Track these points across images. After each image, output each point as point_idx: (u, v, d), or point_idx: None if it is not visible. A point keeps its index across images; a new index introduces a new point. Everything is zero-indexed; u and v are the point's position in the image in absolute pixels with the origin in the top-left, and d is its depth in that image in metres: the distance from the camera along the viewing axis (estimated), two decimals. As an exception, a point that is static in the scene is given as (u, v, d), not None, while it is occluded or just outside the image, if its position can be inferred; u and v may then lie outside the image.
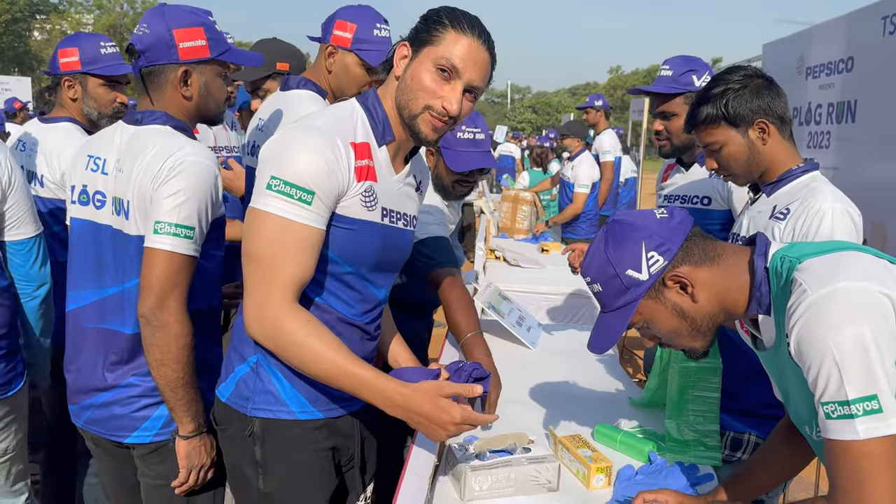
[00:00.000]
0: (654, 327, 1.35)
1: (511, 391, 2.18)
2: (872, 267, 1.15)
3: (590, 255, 1.37)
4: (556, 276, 4.05)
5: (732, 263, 1.30)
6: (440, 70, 1.42)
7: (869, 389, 1.06)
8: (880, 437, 1.06)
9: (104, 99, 2.53)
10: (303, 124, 1.43)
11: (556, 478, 1.62)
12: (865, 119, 4.85)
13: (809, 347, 1.10)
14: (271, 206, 1.35)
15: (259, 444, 1.49)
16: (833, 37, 5.26)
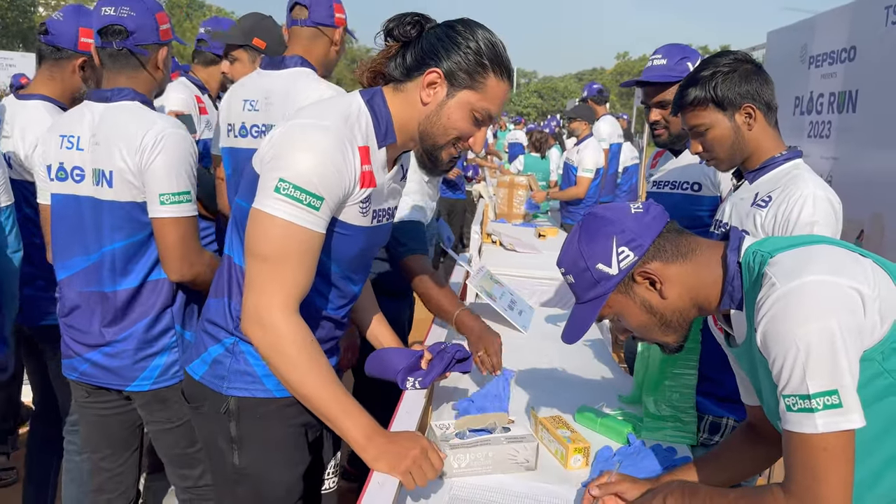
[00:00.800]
0: (625, 321, 1.37)
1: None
2: (842, 261, 1.15)
3: (565, 246, 1.38)
4: (551, 262, 4.05)
5: (706, 259, 1.30)
6: (476, 118, 1.45)
7: (831, 384, 1.07)
8: (838, 431, 1.07)
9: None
10: (312, 123, 1.39)
11: (534, 457, 1.65)
12: (867, 109, 4.84)
13: (775, 340, 1.11)
14: (279, 210, 1.33)
15: (234, 420, 1.52)
16: (836, 26, 5.23)
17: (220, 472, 1.60)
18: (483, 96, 1.44)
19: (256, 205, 1.37)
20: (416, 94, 1.45)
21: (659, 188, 2.52)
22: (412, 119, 1.47)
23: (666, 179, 2.48)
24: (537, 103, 68.06)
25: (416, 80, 1.45)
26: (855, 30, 4.99)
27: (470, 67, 1.42)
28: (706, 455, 1.57)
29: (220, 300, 1.53)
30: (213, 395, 1.53)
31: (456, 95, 1.43)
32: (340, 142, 1.37)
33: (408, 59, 1.46)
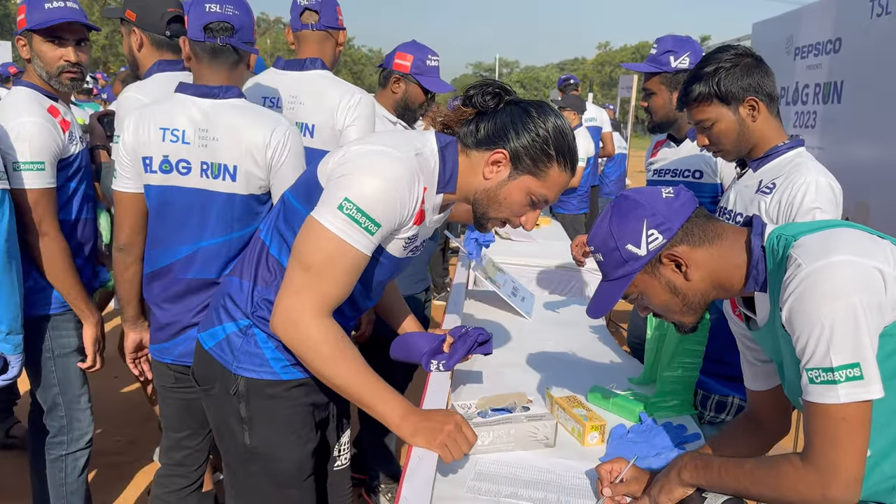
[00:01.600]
0: (648, 300, 1.42)
1: (509, 356, 2.29)
2: (863, 242, 1.22)
3: (596, 226, 1.44)
4: (546, 250, 4.15)
5: (730, 243, 1.36)
6: (532, 201, 1.52)
7: (853, 357, 1.13)
8: (859, 401, 1.14)
9: (48, 56, 2.23)
10: (389, 152, 1.42)
11: (553, 434, 1.72)
12: (851, 100, 4.95)
13: (801, 315, 1.17)
14: (335, 227, 1.38)
15: (244, 402, 1.58)
16: (822, 18, 5.33)
17: (232, 452, 1.66)
18: (543, 183, 1.50)
19: (315, 215, 1.41)
20: (481, 166, 1.51)
21: (660, 176, 2.60)
22: (472, 185, 1.53)
23: (667, 168, 2.56)
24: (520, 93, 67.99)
25: (483, 153, 1.51)
26: (840, 21, 5.09)
27: (536, 154, 1.48)
28: (704, 446, 1.62)
29: (246, 282, 1.58)
30: (222, 372, 1.59)
31: (517, 178, 1.50)
32: (411, 176, 1.42)
33: (480, 131, 1.51)
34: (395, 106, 2.84)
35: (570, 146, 1.51)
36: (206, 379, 1.65)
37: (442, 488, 1.49)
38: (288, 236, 1.52)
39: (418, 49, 2.82)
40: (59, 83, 2.25)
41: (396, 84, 2.82)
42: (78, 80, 2.29)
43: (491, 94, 1.51)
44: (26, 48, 2.26)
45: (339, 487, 1.87)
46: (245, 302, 1.58)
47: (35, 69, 2.25)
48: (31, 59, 2.26)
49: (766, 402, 1.53)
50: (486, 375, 2.12)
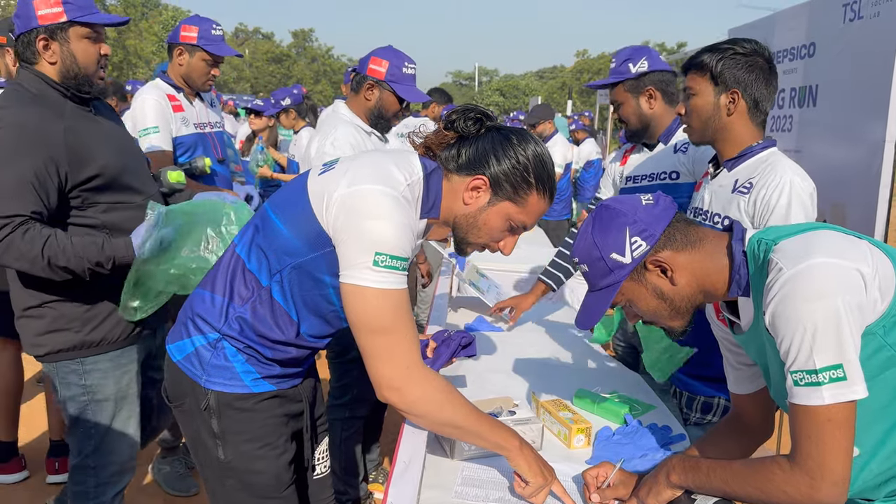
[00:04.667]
0: (636, 307, 1.43)
1: (494, 361, 2.29)
2: (842, 244, 1.23)
3: (579, 237, 1.44)
4: (528, 255, 4.16)
5: (712, 248, 1.38)
6: (511, 227, 1.54)
7: (837, 359, 1.14)
8: (843, 402, 1.15)
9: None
10: (389, 192, 1.41)
11: (539, 438, 1.72)
12: (826, 103, 5.02)
13: (783, 319, 1.18)
14: (384, 283, 1.39)
15: (216, 416, 1.56)
16: (795, 23, 5.41)
17: (208, 467, 1.63)
18: (522, 210, 1.52)
19: (355, 281, 1.40)
20: (461, 191, 1.52)
21: (635, 183, 2.61)
22: (452, 210, 1.54)
23: (642, 173, 2.58)
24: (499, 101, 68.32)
25: (464, 178, 1.52)
26: (814, 27, 5.17)
27: (516, 181, 1.49)
28: (691, 448, 1.63)
29: (219, 297, 1.54)
30: (192, 387, 1.57)
31: (497, 204, 1.51)
32: (407, 208, 1.43)
33: (461, 157, 1.52)
34: (368, 114, 2.76)
35: (549, 174, 1.53)
36: (176, 395, 1.62)
37: (429, 494, 1.49)
38: (263, 255, 1.50)
39: (395, 55, 2.74)
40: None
41: (370, 91, 2.73)
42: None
43: (472, 120, 1.52)
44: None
45: (320, 496, 1.85)
46: (217, 317, 1.54)
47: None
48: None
49: (749, 405, 1.54)
50: (471, 381, 2.12)
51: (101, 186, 2.01)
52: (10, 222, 1.82)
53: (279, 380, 1.61)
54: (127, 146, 2.20)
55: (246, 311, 1.52)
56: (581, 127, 9.44)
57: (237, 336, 1.53)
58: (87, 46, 2.07)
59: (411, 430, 1.55)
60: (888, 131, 4.18)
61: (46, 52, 2.02)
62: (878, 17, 4.28)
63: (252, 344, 1.54)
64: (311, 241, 1.44)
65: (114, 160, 2.04)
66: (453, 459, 1.65)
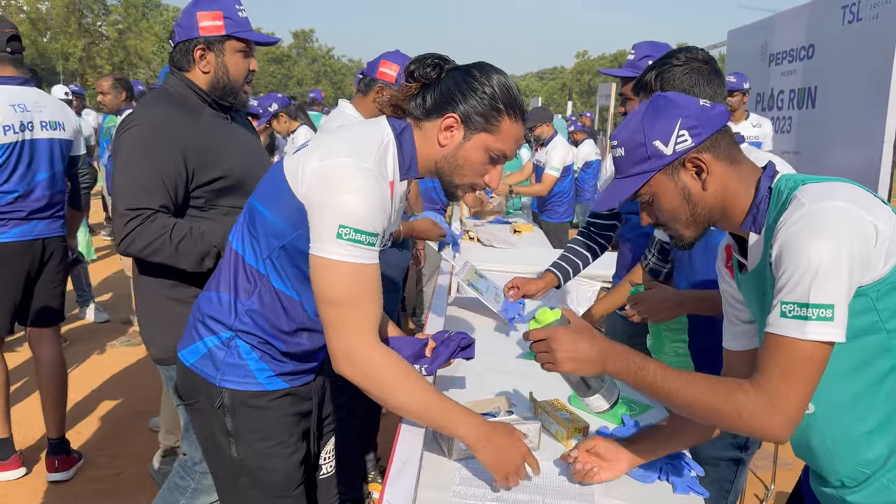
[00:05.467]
0: (658, 204, 1.39)
1: (492, 361, 2.29)
2: (866, 198, 1.24)
3: (626, 120, 1.42)
4: (528, 256, 4.17)
5: (745, 174, 1.36)
6: (491, 157, 1.54)
7: (830, 299, 1.16)
8: (823, 342, 1.18)
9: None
10: (353, 164, 1.42)
11: (537, 437, 1.72)
12: (825, 104, 5.04)
13: (791, 250, 1.19)
14: (345, 256, 1.40)
15: (230, 414, 1.57)
16: (795, 25, 5.42)
17: (220, 466, 1.65)
18: (498, 138, 1.52)
19: (319, 253, 1.42)
20: (435, 135, 1.52)
21: None
22: (431, 157, 1.55)
23: None
24: (499, 102, 68.27)
25: (434, 121, 1.52)
26: (813, 28, 5.19)
27: (485, 111, 1.49)
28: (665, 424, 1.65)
29: (225, 295, 1.57)
30: (206, 387, 1.58)
31: (472, 138, 1.51)
32: (379, 182, 1.44)
33: (427, 101, 1.53)
34: (377, 115, 2.79)
35: (516, 98, 1.53)
36: (189, 394, 1.64)
37: (427, 493, 1.49)
38: (256, 243, 1.53)
39: (404, 59, 2.79)
40: None
41: (379, 93, 2.76)
42: None
43: (431, 66, 1.53)
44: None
45: (326, 496, 1.86)
46: (227, 314, 1.57)
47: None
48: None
49: (741, 363, 1.55)
50: (469, 381, 2.13)
51: (224, 189, 2.10)
52: (140, 214, 1.94)
53: (292, 377, 1.63)
54: (257, 155, 2.30)
55: (253, 303, 1.54)
56: (580, 128, 9.47)
57: (250, 331, 1.55)
58: (239, 60, 2.19)
59: (408, 430, 1.56)
60: (887, 132, 4.19)
61: (202, 61, 2.14)
62: (876, 18, 4.30)
63: (266, 338, 1.55)
64: (293, 219, 1.46)
65: (240, 165, 2.14)
66: (451, 459, 1.65)
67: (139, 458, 3.51)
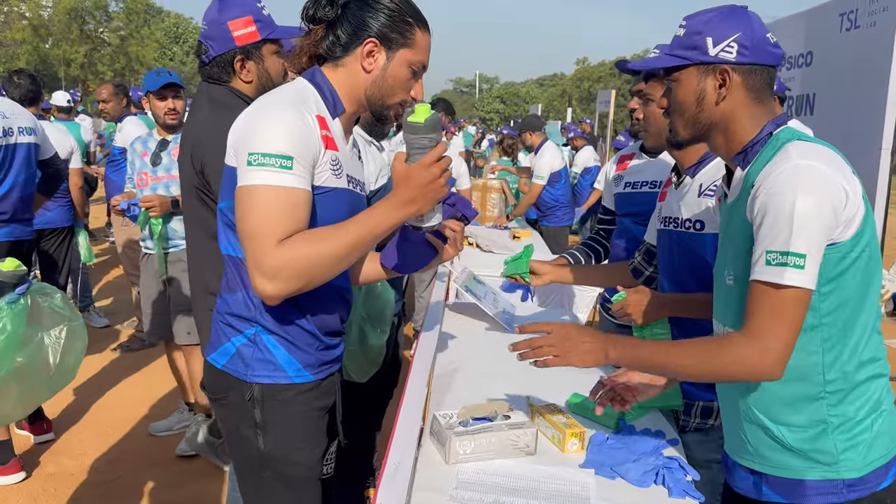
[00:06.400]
0: (674, 93, 1.49)
1: (490, 366, 2.30)
2: (844, 166, 1.35)
3: (707, 9, 1.48)
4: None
5: (760, 114, 1.43)
6: (413, 71, 1.59)
7: (804, 249, 1.27)
8: (798, 287, 1.28)
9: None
10: (266, 101, 1.49)
11: (533, 442, 1.73)
12: (823, 111, 5.05)
13: (776, 200, 1.28)
14: (256, 180, 1.40)
15: (259, 407, 1.59)
16: (793, 32, 5.43)
17: (244, 459, 1.67)
18: (416, 50, 1.58)
19: (237, 185, 1.44)
20: (357, 65, 1.57)
21: (635, 188, 2.62)
22: (358, 88, 1.59)
23: (644, 179, 2.59)
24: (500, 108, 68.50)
25: (353, 52, 1.56)
26: (811, 36, 5.21)
27: (399, 28, 1.55)
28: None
29: (237, 293, 1.60)
30: (237, 383, 1.60)
31: (395, 57, 1.57)
32: (297, 110, 1.47)
33: (341, 36, 1.56)
34: (365, 120, 2.68)
35: (417, 10, 1.60)
36: (218, 389, 1.66)
37: (423, 497, 1.50)
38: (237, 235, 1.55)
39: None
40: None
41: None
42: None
43: (326, 3, 1.57)
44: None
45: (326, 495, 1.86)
46: (245, 309, 1.58)
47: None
48: None
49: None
50: (466, 385, 2.13)
51: None
52: None
53: (318, 369, 1.65)
54: None
55: None
56: (579, 134, 9.47)
57: (273, 318, 1.56)
58: (275, 61, 2.18)
59: (402, 433, 1.56)
60: (884, 139, 4.20)
61: (242, 71, 2.13)
62: (874, 26, 4.31)
63: (288, 319, 1.57)
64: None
65: None
66: (448, 463, 1.66)
67: (138, 462, 3.52)
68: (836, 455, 1.39)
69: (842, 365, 1.38)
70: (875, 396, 1.41)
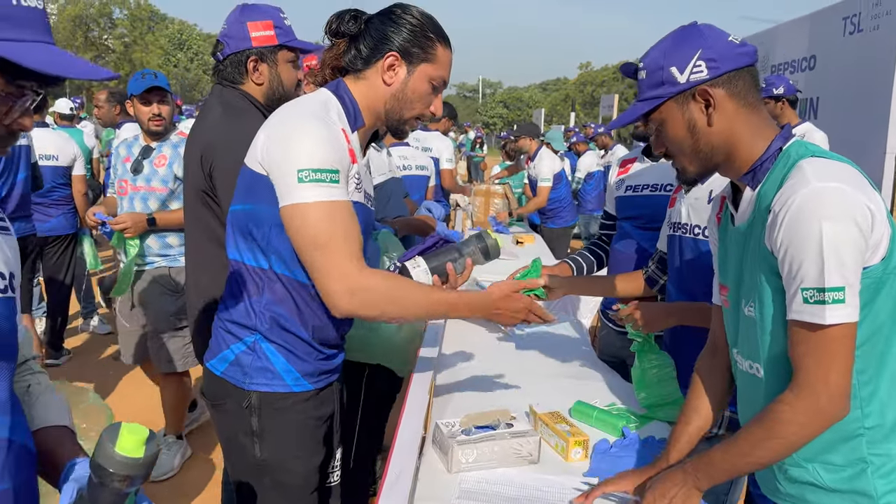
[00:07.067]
0: (665, 133, 1.40)
1: (492, 373, 2.29)
2: (866, 184, 1.25)
3: (658, 43, 1.41)
4: (530, 267, 4.15)
5: (761, 125, 1.35)
6: (434, 86, 1.62)
7: (842, 281, 1.18)
8: (842, 323, 1.20)
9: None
10: (299, 112, 1.51)
11: (536, 450, 1.72)
12: (827, 115, 5.04)
13: (800, 230, 1.20)
14: (310, 197, 1.44)
15: (256, 415, 1.59)
16: (796, 36, 5.43)
17: (241, 466, 1.67)
18: (437, 66, 1.61)
19: (287, 202, 1.46)
20: (378, 78, 1.59)
21: (636, 192, 2.61)
22: (378, 101, 1.61)
23: (645, 182, 2.58)
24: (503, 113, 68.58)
25: (375, 66, 1.59)
26: (814, 39, 5.20)
27: (420, 42, 1.58)
28: (680, 421, 1.64)
29: (239, 301, 1.60)
30: (235, 391, 1.60)
31: (415, 71, 1.59)
32: (325, 123, 1.49)
33: (363, 50, 1.60)
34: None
35: (440, 26, 1.62)
36: (216, 395, 1.66)
37: (425, 506, 1.48)
38: (252, 240, 1.56)
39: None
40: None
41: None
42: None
43: (350, 19, 1.60)
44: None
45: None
46: (246, 316, 1.59)
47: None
48: None
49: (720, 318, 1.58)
50: (469, 393, 2.12)
51: None
52: None
53: (317, 378, 1.65)
54: None
55: (266, 297, 1.57)
56: (582, 139, 9.48)
57: (272, 327, 1.57)
58: (290, 70, 2.19)
59: (403, 442, 1.55)
60: (888, 143, 4.19)
61: (255, 72, 2.14)
62: (877, 29, 4.31)
63: (287, 329, 1.57)
64: (269, 196, 1.49)
65: None
66: (451, 472, 1.64)
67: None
68: (876, 498, 1.30)
69: (881, 398, 1.30)
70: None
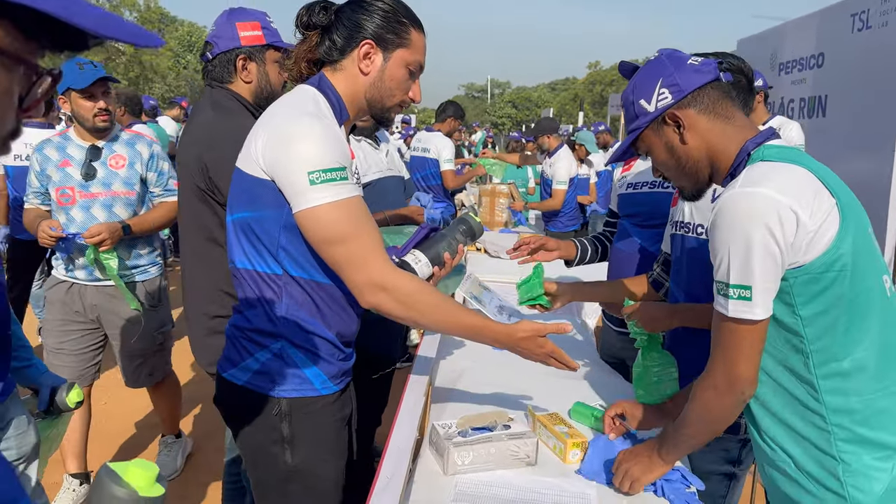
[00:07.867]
0: (653, 158, 1.51)
1: (492, 374, 2.27)
2: (802, 187, 1.26)
3: (630, 80, 1.52)
4: (530, 267, 4.12)
5: (736, 132, 1.41)
6: (411, 72, 1.61)
7: (744, 280, 1.27)
8: (743, 318, 1.29)
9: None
10: (295, 111, 1.48)
11: (534, 452, 1.70)
12: (836, 113, 4.98)
13: (716, 231, 1.30)
14: (325, 198, 1.42)
15: (287, 421, 1.56)
16: (804, 33, 5.37)
17: (270, 475, 1.62)
18: (412, 50, 1.60)
19: (302, 206, 1.43)
20: (355, 67, 1.58)
21: (636, 189, 2.58)
22: (358, 92, 1.60)
23: (644, 180, 2.56)
24: (512, 113, 68.50)
25: (350, 55, 1.57)
26: (822, 37, 5.14)
27: (394, 28, 1.57)
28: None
29: (257, 309, 1.55)
30: (260, 398, 1.56)
31: (391, 57, 1.58)
32: (323, 122, 1.48)
33: (336, 40, 1.58)
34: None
35: (411, 11, 1.61)
36: (238, 406, 1.62)
37: (419, 509, 1.47)
38: (261, 246, 1.52)
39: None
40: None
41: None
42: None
43: (320, 10, 1.58)
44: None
45: None
46: (267, 323, 1.54)
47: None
48: None
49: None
50: (467, 394, 2.10)
51: None
52: None
53: (341, 379, 1.64)
54: None
55: (285, 302, 1.53)
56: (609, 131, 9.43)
57: (297, 330, 1.54)
58: (276, 70, 2.23)
59: (395, 446, 1.54)
60: (897, 141, 4.13)
61: (243, 71, 2.18)
62: (885, 26, 4.25)
63: (312, 329, 1.54)
64: (273, 199, 1.47)
65: None
66: (446, 474, 1.63)
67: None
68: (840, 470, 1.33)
69: (853, 403, 1.31)
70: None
